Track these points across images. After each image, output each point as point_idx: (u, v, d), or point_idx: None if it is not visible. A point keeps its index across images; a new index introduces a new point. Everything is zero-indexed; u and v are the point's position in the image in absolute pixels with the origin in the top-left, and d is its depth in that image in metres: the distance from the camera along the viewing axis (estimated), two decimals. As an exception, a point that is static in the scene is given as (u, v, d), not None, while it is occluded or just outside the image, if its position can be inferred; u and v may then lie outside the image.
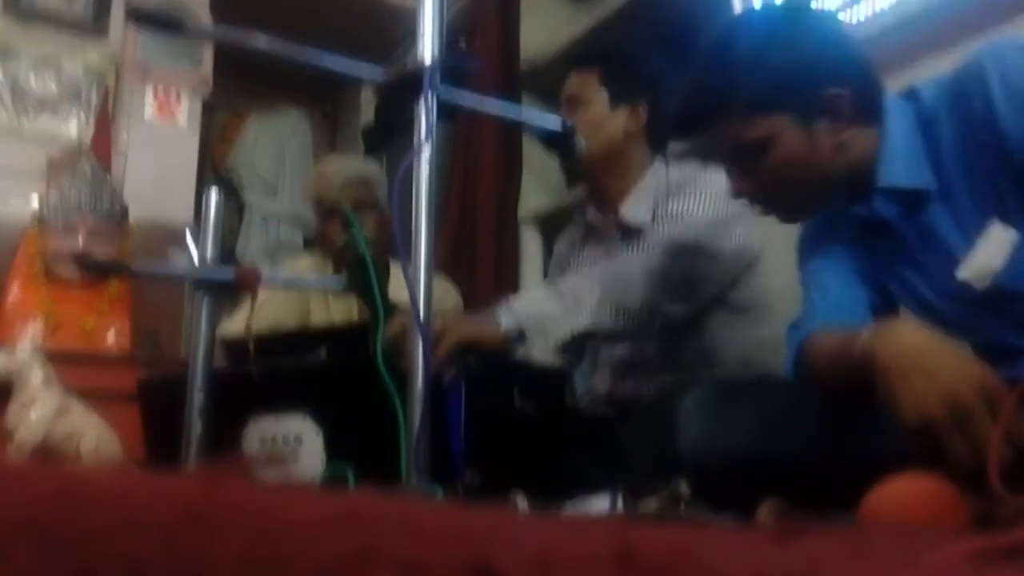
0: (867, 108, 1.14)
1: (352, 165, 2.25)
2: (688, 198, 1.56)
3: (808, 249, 1.32)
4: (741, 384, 1.46)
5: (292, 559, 0.26)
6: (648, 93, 1.70)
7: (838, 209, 1.23)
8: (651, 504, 0.99)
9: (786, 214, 1.24)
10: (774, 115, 1.12)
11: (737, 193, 1.21)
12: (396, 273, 2.12)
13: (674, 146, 1.68)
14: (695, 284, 1.49)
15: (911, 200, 1.13)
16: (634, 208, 1.66)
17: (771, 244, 1.79)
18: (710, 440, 1.13)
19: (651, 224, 1.60)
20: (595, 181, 1.73)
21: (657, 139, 1.75)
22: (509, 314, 1.31)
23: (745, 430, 1.14)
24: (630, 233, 1.64)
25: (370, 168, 2.26)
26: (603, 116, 1.67)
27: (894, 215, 1.15)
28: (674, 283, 1.45)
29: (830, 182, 1.16)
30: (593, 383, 1.79)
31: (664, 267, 1.44)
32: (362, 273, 1.33)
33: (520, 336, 1.30)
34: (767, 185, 1.17)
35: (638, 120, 1.70)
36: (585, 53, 1.75)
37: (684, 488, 0.98)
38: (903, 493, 0.82)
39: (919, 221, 1.13)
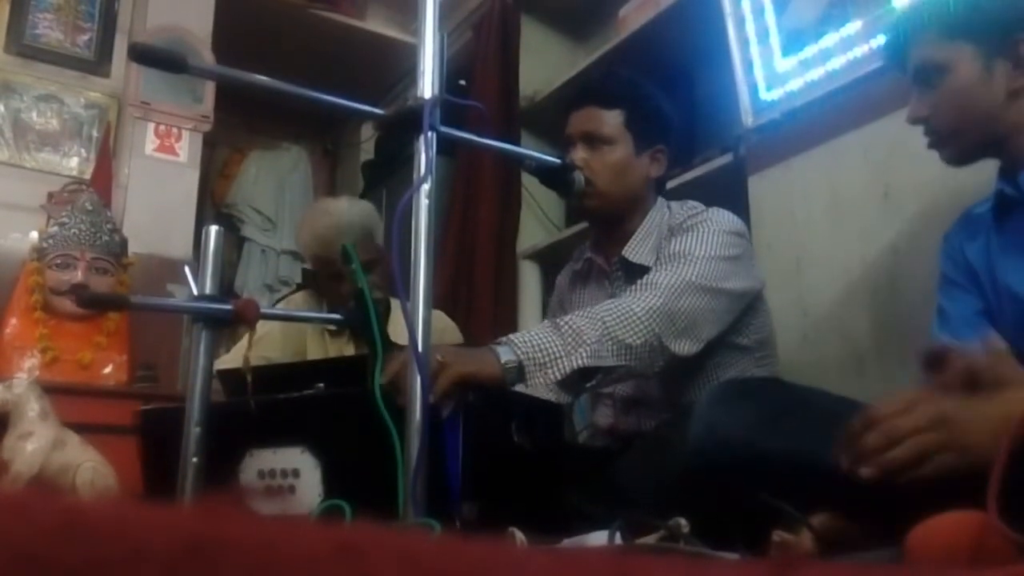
0: None
1: (352, 220, 2.16)
2: (692, 236, 1.56)
3: (946, 262, 1.41)
4: (755, 381, 1.47)
5: (293, 590, 0.26)
6: (666, 136, 1.72)
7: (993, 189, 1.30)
8: (649, 540, 0.99)
9: (950, 150, 1.34)
10: (960, 43, 1.26)
11: (913, 120, 1.34)
12: (397, 311, 2.10)
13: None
14: (697, 323, 1.47)
15: None
16: (638, 248, 1.66)
17: (770, 282, 1.80)
18: (719, 428, 1.13)
19: (655, 263, 1.59)
20: (610, 219, 1.70)
21: (664, 178, 1.77)
22: (508, 349, 1.29)
23: (753, 420, 1.14)
24: (634, 272, 1.64)
25: (367, 217, 2.20)
26: (629, 161, 1.66)
27: None
28: (677, 321, 1.44)
29: (996, 127, 1.26)
30: (595, 417, 1.78)
31: (667, 305, 1.43)
32: (361, 308, 1.33)
33: (519, 371, 1.29)
34: (938, 112, 1.31)
35: (660, 166, 1.71)
36: (608, 91, 1.72)
37: (683, 524, 0.97)
38: (946, 528, 0.82)
39: None
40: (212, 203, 4.23)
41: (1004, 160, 1.30)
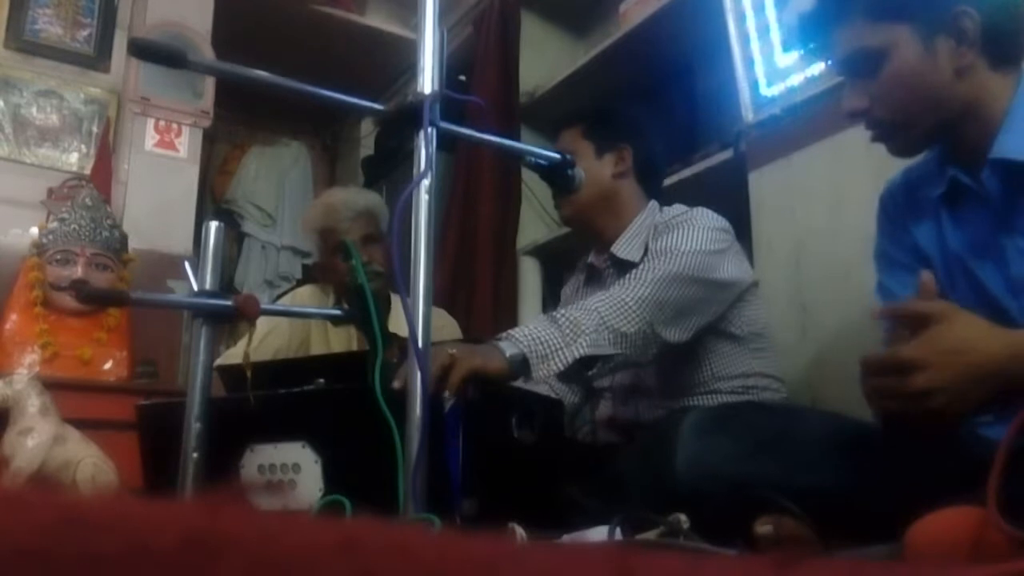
0: (999, 45, 1.12)
1: (359, 198, 2.26)
2: (677, 233, 1.61)
3: (883, 236, 1.33)
4: (736, 409, 1.49)
5: (293, 584, 0.26)
6: (630, 137, 1.78)
7: (936, 168, 1.22)
8: (650, 536, 0.99)
9: (896, 141, 1.21)
10: (894, 24, 1.13)
11: (851, 113, 1.20)
12: (397, 305, 2.13)
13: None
14: (686, 311, 1.53)
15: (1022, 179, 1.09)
16: (627, 245, 1.72)
17: (770, 277, 1.80)
18: (703, 462, 1.14)
19: (642, 259, 1.65)
20: (590, 223, 1.78)
21: (648, 180, 1.81)
22: (510, 343, 1.32)
23: (737, 452, 1.14)
24: (624, 269, 1.68)
25: (375, 201, 2.27)
26: (591, 165, 1.74)
27: (996, 191, 1.12)
28: (666, 309, 1.49)
29: (945, 110, 1.14)
30: (596, 411, 1.80)
31: (655, 295, 1.49)
32: (362, 303, 1.33)
33: (524, 363, 1.31)
34: (881, 102, 1.17)
35: (624, 162, 1.77)
36: (572, 115, 1.84)
37: (683, 520, 0.97)
38: (946, 524, 0.82)
39: (1020, 204, 1.09)
40: (212, 199, 4.22)
41: (955, 146, 1.20)
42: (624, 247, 1.72)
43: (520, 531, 1.00)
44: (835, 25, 1.19)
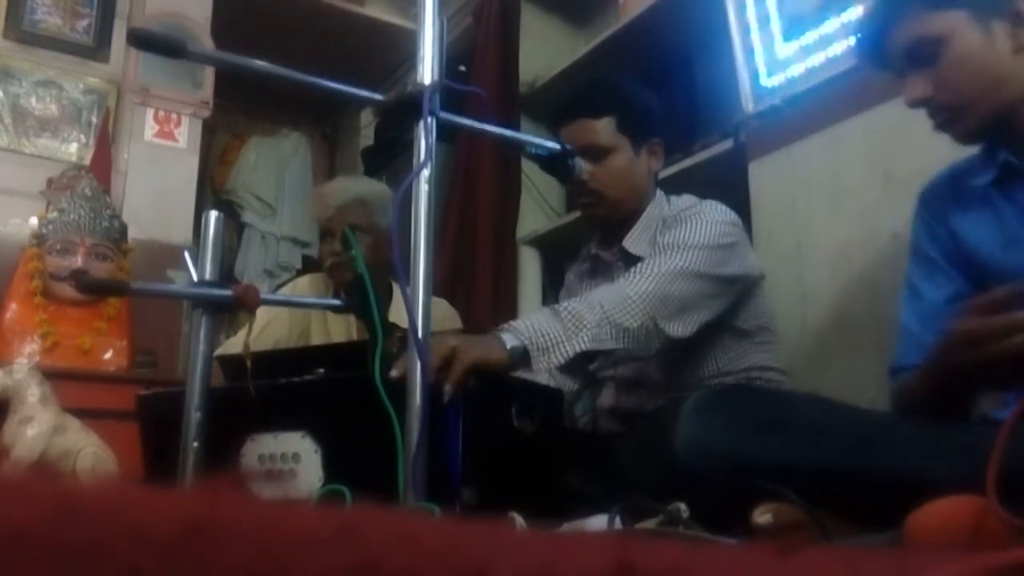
0: None
1: (354, 187, 2.25)
2: (686, 227, 1.59)
3: (918, 231, 1.35)
4: (738, 390, 1.48)
5: (293, 571, 0.26)
6: (659, 130, 1.74)
7: (983, 159, 1.26)
8: (649, 524, 0.99)
9: (959, 125, 1.24)
10: (951, 11, 1.19)
11: (914, 101, 1.24)
12: (398, 295, 2.13)
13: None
14: (690, 306, 1.51)
15: None
16: (637, 239, 1.69)
17: (770, 267, 1.80)
18: (704, 439, 1.14)
19: (651, 253, 1.62)
20: (617, 218, 1.71)
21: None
22: (512, 335, 1.31)
23: (737, 431, 1.14)
24: (633, 263, 1.66)
25: (372, 190, 2.26)
26: (632, 163, 1.69)
27: None
28: (670, 304, 1.47)
29: (1006, 90, 1.19)
30: (597, 399, 1.80)
31: (660, 290, 1.47)
32: (361, 293, 1.33)
33: (524, 355, 1.31)
34: (944, 87, 1.21)
35: (658, 158, 1.74)
36: (595, 100, 1.71)
37: (683, 508, 0.98)
38: (946, 512, 0.82)
39: None
40: (212, 189, 4.22)
41: (1009, 131, 1.23)
42: (634, 241, 1.68)
43: (520, 520, 1.00)
44: (895, 22, 1.24)
